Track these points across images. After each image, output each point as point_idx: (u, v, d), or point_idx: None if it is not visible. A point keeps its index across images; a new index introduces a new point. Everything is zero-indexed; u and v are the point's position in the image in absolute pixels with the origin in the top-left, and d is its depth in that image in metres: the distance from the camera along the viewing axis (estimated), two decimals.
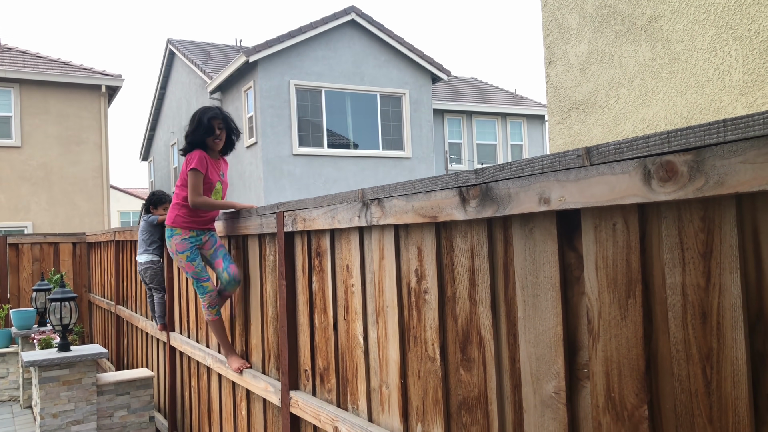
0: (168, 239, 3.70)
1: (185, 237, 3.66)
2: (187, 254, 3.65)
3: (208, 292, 3.64)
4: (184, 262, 3.66)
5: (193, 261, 3.65)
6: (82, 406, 5.04)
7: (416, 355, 2.22)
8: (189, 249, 3.66)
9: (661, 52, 2.94)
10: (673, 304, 1.38)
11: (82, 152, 14.66)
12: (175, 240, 3.66)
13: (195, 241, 3.69)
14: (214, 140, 3.65)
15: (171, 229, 3.69)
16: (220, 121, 3.68)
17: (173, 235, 3.67)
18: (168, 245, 3.72)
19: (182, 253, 3.65)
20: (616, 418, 1.50)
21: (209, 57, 19.33)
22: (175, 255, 3.67)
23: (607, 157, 1.47)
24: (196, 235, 3.70)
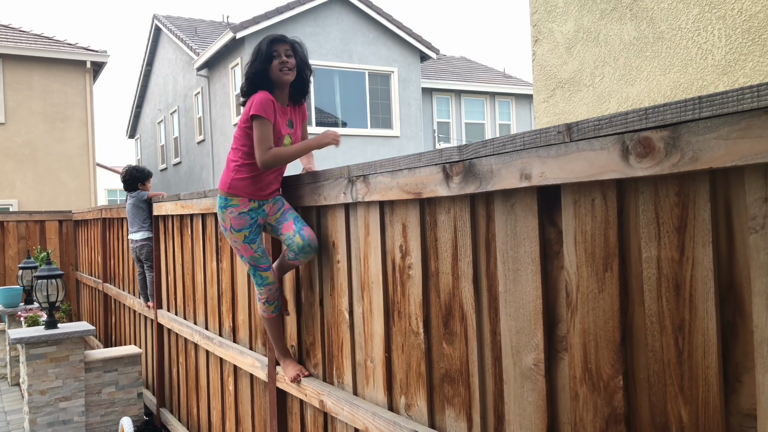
0: (220, 210, 2.86)
1: (244, 210, 2.80)
2: (246, 233, 2.81)
3: (267, 284, 2.86)
4: (240, 243, 2.83)
5: (252, 243, 2.82)
6: (70, 382, 5.06)
7: (400, 330, 2.25)
8: (249, 227, 2.81)
9: (646, 31, 2.96)
10: (649, 278, 1.41)
11: (68, 129, 14.52)
12: (231, 213, 2.81)
13: (257, 215, 2.84)
14: (280, 70, 2.76)
15: (226, 197, 2.83)
16: (288, 46, 2.81)
17: (228, 206, 2.82)
18: (220, 218, 2.89)
19: (239, 231, 2.81)
20: (592, 389, 1.55)
21: (196, 33, 19.10)
22: (229, 232, 2.85)
23: (586, 134, 1.50)
24: (257, 207, 2.83)
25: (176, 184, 19.87)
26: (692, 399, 1.34)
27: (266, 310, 2.93)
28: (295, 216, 2.84)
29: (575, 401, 1.59)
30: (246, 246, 2.83)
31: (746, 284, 1.25)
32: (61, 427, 5.01)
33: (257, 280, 2.88)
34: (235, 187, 2.81)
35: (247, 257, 2.85)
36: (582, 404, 1.57)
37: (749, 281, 1.24)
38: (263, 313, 2.94)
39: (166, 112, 20.78)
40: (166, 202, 4.93)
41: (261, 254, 2.85)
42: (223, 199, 2.84)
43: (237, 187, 2.81)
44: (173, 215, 4.85)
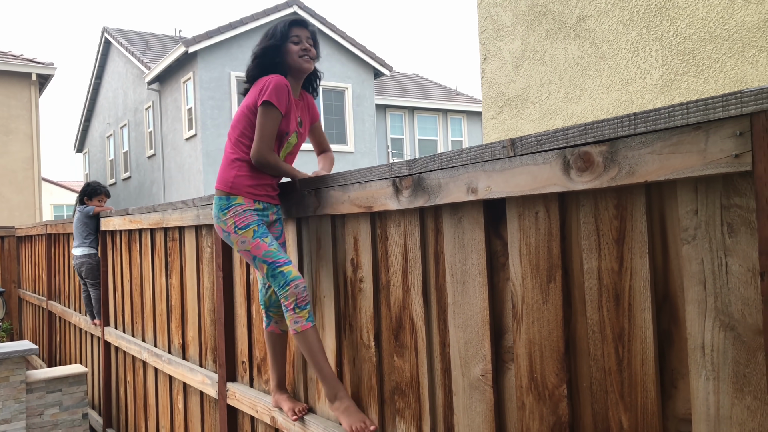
0: (221, 213, 2.39)
1: (249, 207, 2.39)
2: (254, 228, 2.34)
3: (293, 279, 2.25)
4: (249, 240, 2.32)
5: (265, 236, 2.33)
6: (9, 404, 4.86)
7: (351, 343, 2.26)
8: (256, 222, 2.36)
9: (589, 51, 3.07)
10: (590, 288, 1.46)
11: (11, 142, 14.05)
12: (234, 212, 2.36)
13: (261, 214, 2.43)
14: (301, 57, 2.40)
15: (227, 197, 2.39)
16: (309, 33, 2.48)
17: (230, 206, 2.37)
18: (220, 225, 2.40)
19: (245, 228, 2.34)
20: (538, 398, 1.58)
21: (147, 47, 18.81)
22: (234, 235, 2.36)
23: (530, 148, 1.54)
24: (262, 209, 2.43)
25: (126, 199, 19.43)
26: (632, 405, 1.38)
27: (299, 318, 2.22)
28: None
29: (522, 410, 1.62)
30: (258, 241, 2.31)
31: (680, 293, 1.30)
32: None
33: (279, 281, 2.27)
34: (238, 186, 2.39)
35: (262, 254, 2.30)
36: (528, 413, 1.60)
37: (683, 290, 1.30)
38: (295, 325, 2.22)
39: (115, 126, 20.35)
40: (114, 217, 4.83)
41: (277, 248, 2.32)
42: (223, 200, 2.39)
43: (240, 186, 2.39)
44: (121, 230, 4.75)
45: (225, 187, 2.41)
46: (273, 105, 2.31)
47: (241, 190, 2.39)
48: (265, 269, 2.30)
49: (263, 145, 2.34)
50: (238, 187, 2.39)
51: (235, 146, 2.43)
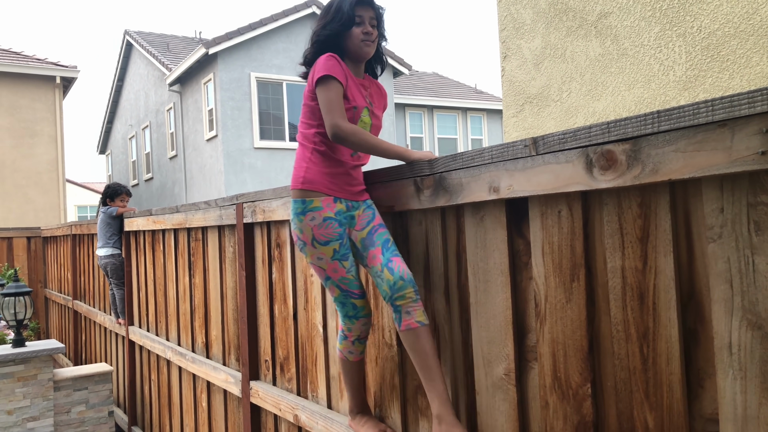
0: (297, 219, 2.06)
1: (330, 215, 2.03)
2: (335, 247, 2.03)
3: (362, 317, 2.10)
4: (327, 260, 2.04)
5: (344, 260, 2.05)
6: (38, 402, 4.95)
7: (374, 342, 2.27)
8: (339, 237, 2.03)
9: (611, 48, 3.04)
10: (614, 287, 1.45)
11: (36, 145, 14.29)
12: (312, 220, 2.03)
13: (345, 221, 2.06)
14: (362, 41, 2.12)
15: (302, 199, 2.06)
16: (373, 13, 2.17)
17: (307, 211, 2.04)
18: (296, 230, 2.08)
19: (326, 243, 2.02)
20: (562, 397, 1.58)
21: (168, 49, 19.01)
22: (310, 247, 2.05)
23: (552, 147, 1.54)
24: (346, 210, 2.07)
25: (148, 199, 19.65)
26: (657, 405, 1.37)
27: (354, 350, 2.13)
28: (384, 239, 2.03)
29: (546, 410, 1.62)
30: (335, 264, 2.03)
31: (706, 292, 1.29)
32: None
33: (347, 311, 2.09)
34: (312, 180, 2.06)
35: (336, 279, 2.05)
36: (552, 412, 1.60)
37: (708, 289, 1.29)
38: (347, 354, 2.14)
39: (137, 127, 20.59)
40: (137, 218, 4.89)
41: (354, 276, 2.07)
42: (299, 203, 2.06)
43: (314, 180, 2.06)
44: (145, 230, 4.81)
45: (297, 183, 2.08)
46: (328, 76, 2.02)
47: (316, 184, 2.05)
48: (336, 293, 2.08)
49: (335, 116, 1.98)
50: (312, 180, 2.06)
51: (306, 137, 2.14)
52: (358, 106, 2.10)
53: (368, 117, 2.14)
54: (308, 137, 2.12)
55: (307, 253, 2.08)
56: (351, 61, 2.19)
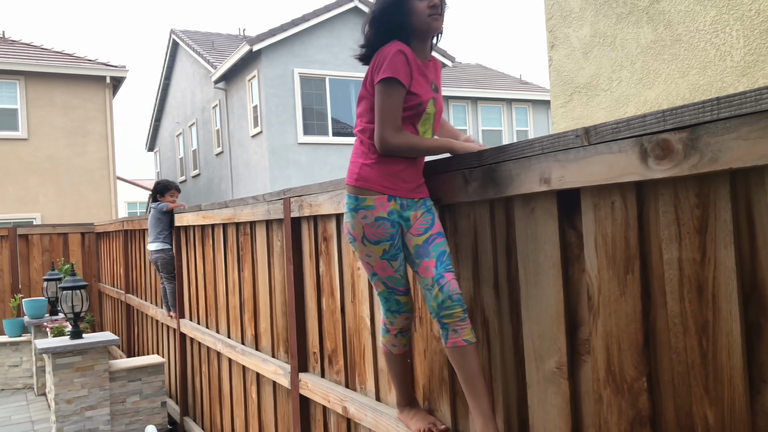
0: (350, 214, 2.01)
1: (382, 215, 1.95)
2: (385, 247, 1.98)
3: (405, 312, 2.09)
4: (376, 258, 2.00)
5: (394, 260, 2.00)
6: (95, 392, 5.13)
7: (422, 336, 2.27)
8: (390, 238, 1.97)
9: (663, 34, 2.96)
10: (670, 279, 1.42)
11: (88, 143, 14.74)
12: (364, 218, 1.97)
13: (398, 220, 1.98)
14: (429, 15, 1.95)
15: (356, 196, 1.99)
16: None
17: (360, 208, 1.97)
18: (348, 223, 2.03)
19: (375, 243, 1.98)
20: (616, 391, 1.55)
21: (213, 47, 19.33)
22: (360, 243, 2.01)
23: (605, 137, 1.51)
24: (400, 210, 1.98)
25: (195, 195, 20.06)
26: (717, 400, 1.33)
27: (396, 343, 2.12)
28: (441, 251, 1.93)
29: (599, 404, 1.59)
30: (384, 264, 1.99)
31: None
32: None
33: (390, 306, 2.08)
34: (367, 177, 1.97)
35: (383, 277, 2.02)
36: (606, 407, 1.57)
37: None
38: (391, 347, 2.13)
39: (184, 125, 21.02)
40: (187, 213, 5.00)
41: (402, 275, 2.03)
42: (352, 199, 1.99)
43: (369, 177, 1.97)
44: (195, 226, 4.91)
45: (351, 180, 2.00)
46: (393, 80, 1.87)
47: (370, 182, 1.96)
48: (381, 289, 2.06)
49: (386, 128, 1.90)
50: (366, 179, 1.97)
51: (361, 131, 2.03)
52: (423, 102, 1.97)
53: (433, 107, 2.02)
54: (367, 132, 2.00)
55: (356, 248, 2.04)
56: (418, 41, 1.99)
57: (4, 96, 14.03)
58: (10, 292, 9.20)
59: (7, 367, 7.72)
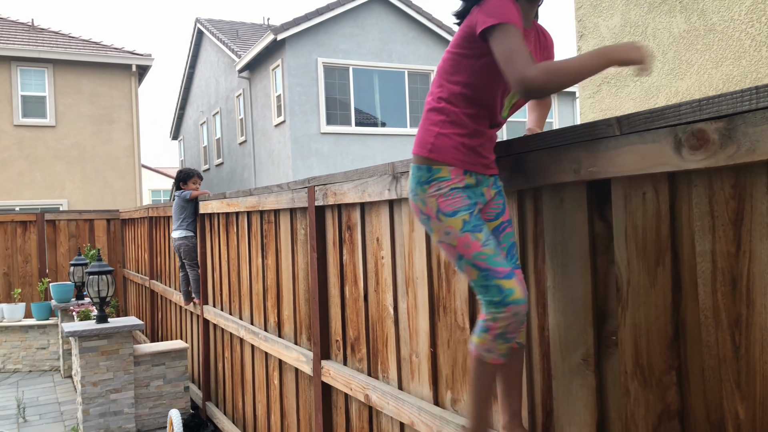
0: (418, 188, 1.76)
1: (458, 185, 1.73)
2: (464, 217, 1.70)
3: (511, 302, 1.63)
4: (456, 233, 1.69)
5: (477, 231, 1.69)
6: (120, 375, 5.21)
7: (446, 325, 2.26)
8: (468, 207, 1.71)
9: (697, 24, 2.90)
10: (703, 272, 1.39)
11: (114, 131, 14.91)
12: (437, 189, 1.73)
13: (475, 194, 1.77)
14: None
15: (429, 167, 1.75)
16: None
17: (432, 180, 1.73)
18: (417, 202, 1.77)
19: (452, 215, 1.70)
20: (644, 384, 1.53)
21: (237, 36, 19.41)
22: (435, 220, 1.73)
23: (637, 127, 1.48)
24: (474, 184, 1.77)
25: (219, 184, 20.22)
26: (749, 395, 1.31)
27: (493, 348, 1.67)
28: (511, 242, 1.80)
29: (626, 397, 1.58)
30: (467, 238, 1.68)
31: None
32: (112, 418, 5.16)
33: (491, 295, 1.64)
34: (442, 148, 1.74)
35: (471, 256, 1.67)
36: (633, 400, 1.56)
37: None
38: (484, 353, 1.68)
39: (208, 113, 21.17)
40: (212, 201, 5.04)
41: (493, 249, 1.68)
42: (423, 170, 1.75)
43: (445, 148, 1.73)
44: (219, 213, 4.95)
45: (423, 150, 1.76)
46: (504, 23, 1.59)
47: (446, 154, 1.73)
48: (474, 275, 1.67)
49: (520, 65, 1.55)
50: (441, 150, 1.73)
51: (438, 97, 1.78)
52: None
53: None
54: (446, 97, 1.75)
55: (432, 229, 1.75)
56: (526, 2, 1.77)
57: (33, 83, 14.25)
58: (38, 277, 9.37)
59: (35, 349, 7.88)
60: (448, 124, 1.75)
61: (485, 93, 1.75)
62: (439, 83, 1.79)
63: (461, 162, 1.74)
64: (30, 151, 14.10)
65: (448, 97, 1.76)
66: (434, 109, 1.78)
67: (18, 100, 14.04)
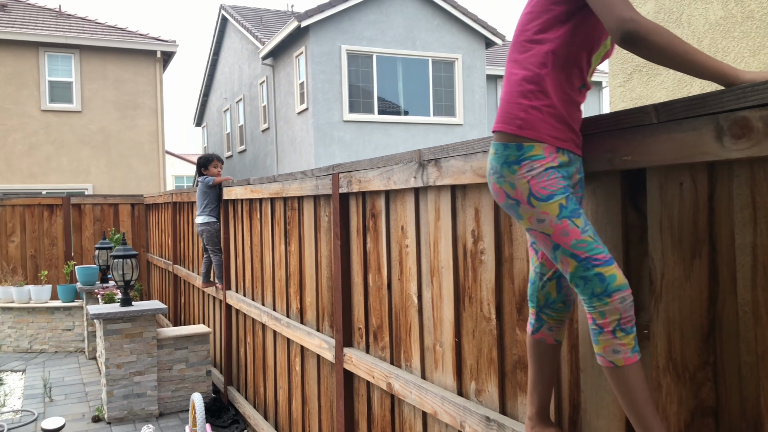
0: (504, 169, 1.55)
1: (552, 164, 1.53)
2: (560, 201, 1.50)
3: (617, 290, 1.43)
4: (553, 220, 1.49)
5: (575, 217, 1.49)
6: (143, 358, 5.27)
7: (471, 315, 2.24)
8: (564, 190, 1.51)
9: (734, 11, 2.81)
10: (742, 265, 1.35)
11: (139, 117, 15.04)
12: (530, 170, 1.52)
13: (568, 174, 1.57)
14: None
15: (518, 144, 1.53)
16: None
17: (524, 159, 1.53)
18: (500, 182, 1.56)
19: (547, 199, 1.50)
20: (677, 379, 1.49)
21: (261, 23, 19.41)
22: (527, 205, 1.52)
23: (676, 114, 1.44)
24: (568, 163, 1.57)
25: (241, 171, 20.33)
26: None
27: (621, 346, 1.43)
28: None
29: (658, 392, 1.54)
30: (564, 225, 1.48)
31: None
32: (135, 400, 5.23)
33: (593, 287, 1.44)
34: (534, 124, 1.52)
35: (569, 246, 1.47)
36: (665, 395, 1.52)
37: None
38: (613, 355, 1.43)
39: (231, 100, 21.24)
40: (235, 187, 5.05)
41: (593, 236, 1.48)
42: (512, 149, 1.53)
43: (537, 123, 1.52)
44: (243, 199, 4.96)
45: (511, 126, 1.53)
46: None
47: (539, 130, 1.52)
48: (572, 266, 1.47)
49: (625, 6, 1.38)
50: (533, 125, 1.52)
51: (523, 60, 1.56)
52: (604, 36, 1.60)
53: (609, 39, 1.63)
54: (535, 62, 1.53)
55: (521, 216, 1.54)
56: None
57: (60, 69, 14.40)
58: (64, 259, 9.51)
59: (61, 330, 8.01)
60: (539, 95, 1.53)
61: (577, 53, 1.55)
62: (522, 47, 1.57)
63: (555, 139, 1.53)
64: (57, 135, 14.28)
65: (537, 62, 1.54)
66: (523, 79, 1.55)
67: (45, 86, 14.21)
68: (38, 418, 5.35)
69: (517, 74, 1.56)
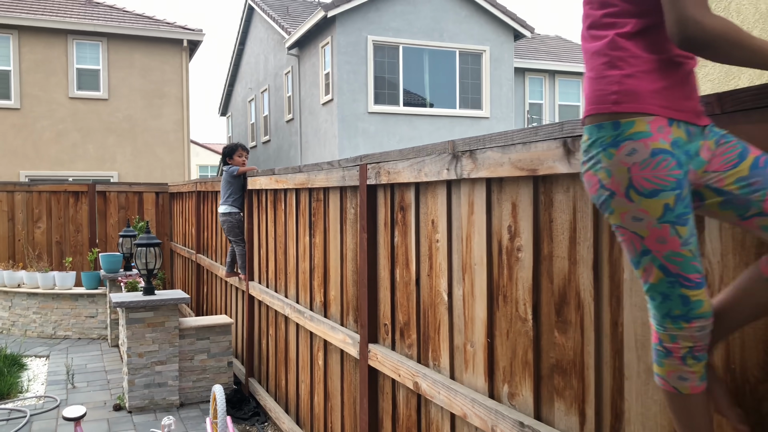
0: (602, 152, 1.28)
1: (663, 144, 1.23)
2: (666, 202, 1.22)
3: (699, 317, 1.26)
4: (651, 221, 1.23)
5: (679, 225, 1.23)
6: (165, 347, 5.25)
7: (505, 315, 2.13)
8: (676, 186, 1.23)
9: None
10: None
11: (164, 106, 15.08)
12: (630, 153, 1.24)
13: (687, 157, 1.26)
14: None
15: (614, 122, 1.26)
16: None
17: (622, 140, 1.24)
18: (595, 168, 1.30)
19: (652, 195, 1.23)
20: (735, 392, 1.38)
21: (287, 12, 19.35)
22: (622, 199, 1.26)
23: (743, 104, 1.32)
24: (687, 141, 1.26)
25: (265, 161, 20.34)
26: None
27: (687, 373, 1.28)
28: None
29: None
30: (665, 231, 1.24)
31: None
32: (156, 389, 5.21)
33: (670, 308, 1.27)
34: (633, 93, 1.26)
35: (662, 255, 1.25)
36: None
37: None
38: (677, 382, 1.29)
39: (256, 90, 21.25)
40: (260, 177, 4.98)
41: (694, 251, 1.25)
42: (607, 129, 1.28)
43: (638, 92, 1.26)
44: (267, 189, 4.90)
45: (605, 104, 1.28)
46: None
47: (641, 100, 1.25)
48: (656, 278, 1.26)
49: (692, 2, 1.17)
50: (632, 95, 1.26)
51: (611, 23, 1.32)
52: None
53: None
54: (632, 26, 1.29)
55: (613, 209, 1.29)
56: None
57: (87, 57, 14.49)
58: (88, 246, 9.57)
59: (84, 317, 8.05)
60: (632, 62, 1.27)
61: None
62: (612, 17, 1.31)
63: (664, 108, 1.24)
64: (83, 123, 14.38)
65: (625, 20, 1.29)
66: (610, 43, 1.29)
67: (73, 73, 14.31)
68: (60, 405, 5.36)
69: (607, 39, 1.31)
